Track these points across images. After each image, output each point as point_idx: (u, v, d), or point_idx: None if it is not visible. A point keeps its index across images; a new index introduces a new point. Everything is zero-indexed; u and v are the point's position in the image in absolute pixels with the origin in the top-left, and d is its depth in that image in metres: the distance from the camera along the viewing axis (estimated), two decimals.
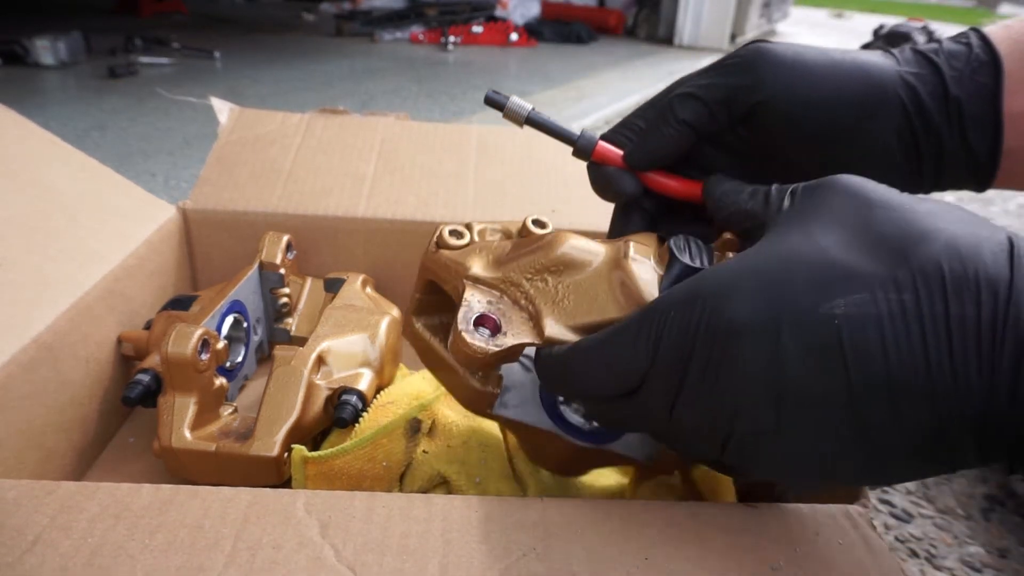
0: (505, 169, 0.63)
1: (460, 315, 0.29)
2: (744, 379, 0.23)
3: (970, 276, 0.21)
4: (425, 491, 0.39)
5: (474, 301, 0.30)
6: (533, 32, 3.27)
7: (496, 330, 0.29)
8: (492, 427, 0.42)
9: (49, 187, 0.48)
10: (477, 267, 0.32)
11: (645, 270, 0.29)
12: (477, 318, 0.30)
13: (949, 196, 1.35)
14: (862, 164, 0.32)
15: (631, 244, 0.30)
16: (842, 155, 0.32)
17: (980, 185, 0.33)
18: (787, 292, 0.23)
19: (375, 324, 0.47)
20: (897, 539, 0.53)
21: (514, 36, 3.11)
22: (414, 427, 0.39)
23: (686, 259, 0.29)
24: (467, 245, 0.34)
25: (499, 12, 3.45)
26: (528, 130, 0.35)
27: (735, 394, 0.23)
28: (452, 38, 2.94)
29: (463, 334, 0.29)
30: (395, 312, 0.50)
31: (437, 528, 0.28)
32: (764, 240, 0.26)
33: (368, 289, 0.53)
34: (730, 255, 0.29)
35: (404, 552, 0.27)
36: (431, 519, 0.28)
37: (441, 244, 0.34)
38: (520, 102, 0.34)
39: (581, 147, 0.34)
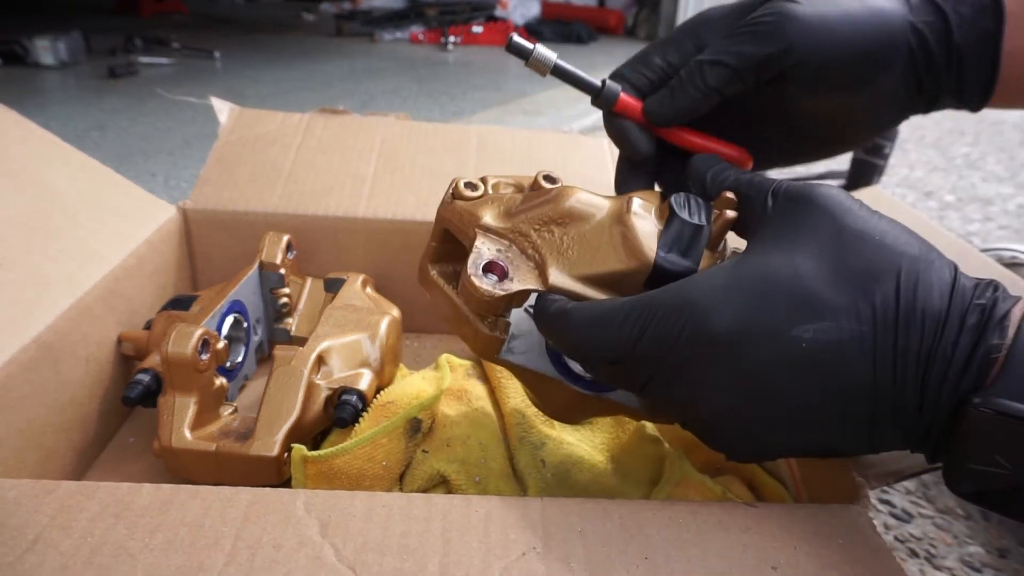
0: (505, 169, 0.63)
1: (470, 260, 0.31)
2: (716, 379, 0.27)
3: (918, 311, 0.25)
4: (425, 491, 0.39)
5: (484, 248, 0.32)
6: (533, 32, 3.27)
7: (503, 276, 0.31)
8: (492, 427, 0.42)
9: (49, 187, 0.48)
10: (488, 217, 0.33)
11: (646, 224, 0.31)
12: (486, 264, 0.31)
13: (949, 197, 1.35)
14: (869, 109, 0.35)
15: (634, 199, 0.32)
16: (853, 103, 0.35)
17: (972, 110, 0.36)
18: (766, 313, 0.26)
19: (375, 324, 0.47)
20: (897, 539, 0.53)
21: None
22: (414, 427, 0.40)
23: (685, 215, 0.31)
24: (481, 197, 0.35)
25: (499, 12, 3.45)
26: (527, 130, 0.36)
27: (706, 389, 0.27)
28: (452, 38, 2.94)
29: (472, 278, 0.31)
30: (395, 312, 0.50)
31: (437, 528, 0.28)
32: (747, 254, 0.28)
33: (368, 289, 0.53)
34: (728, 213, 0.31)
35: (404, 552, 0.27)
36: (431, 519, 0.28)
37: (456, 195, 0.35)
38: (545, 51, 0.35)
39: (604, 98, 0.36)
